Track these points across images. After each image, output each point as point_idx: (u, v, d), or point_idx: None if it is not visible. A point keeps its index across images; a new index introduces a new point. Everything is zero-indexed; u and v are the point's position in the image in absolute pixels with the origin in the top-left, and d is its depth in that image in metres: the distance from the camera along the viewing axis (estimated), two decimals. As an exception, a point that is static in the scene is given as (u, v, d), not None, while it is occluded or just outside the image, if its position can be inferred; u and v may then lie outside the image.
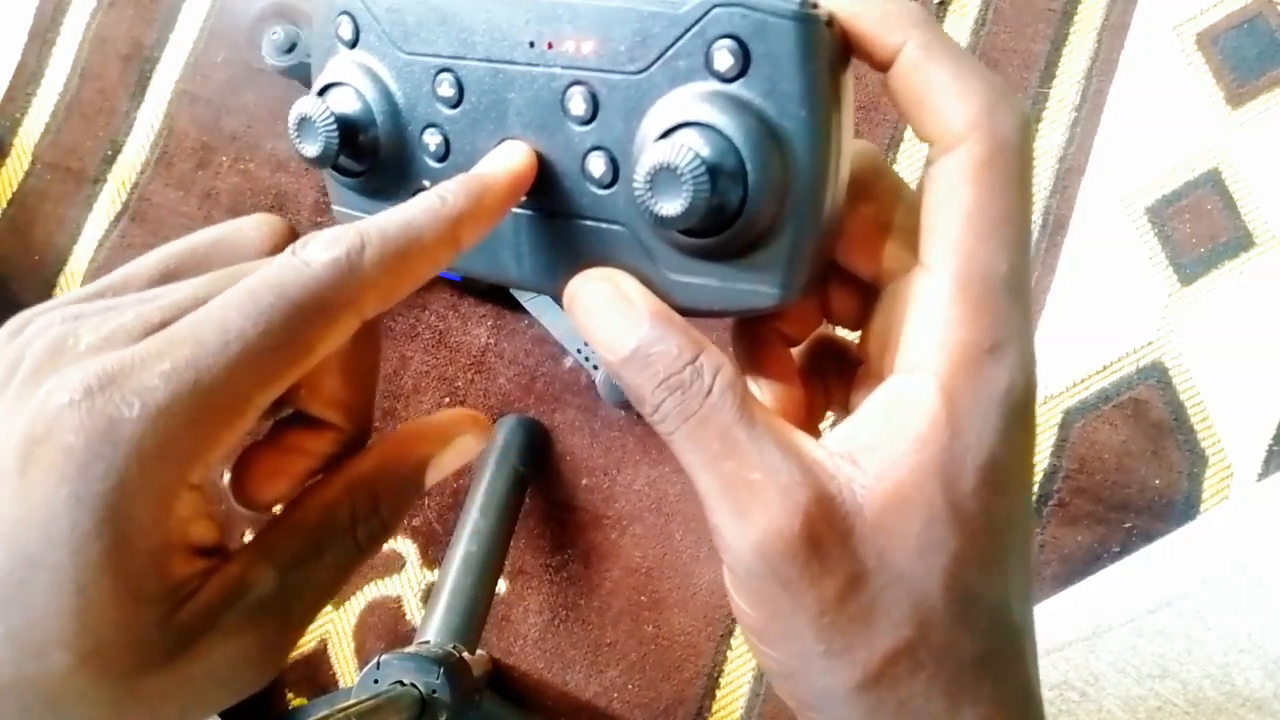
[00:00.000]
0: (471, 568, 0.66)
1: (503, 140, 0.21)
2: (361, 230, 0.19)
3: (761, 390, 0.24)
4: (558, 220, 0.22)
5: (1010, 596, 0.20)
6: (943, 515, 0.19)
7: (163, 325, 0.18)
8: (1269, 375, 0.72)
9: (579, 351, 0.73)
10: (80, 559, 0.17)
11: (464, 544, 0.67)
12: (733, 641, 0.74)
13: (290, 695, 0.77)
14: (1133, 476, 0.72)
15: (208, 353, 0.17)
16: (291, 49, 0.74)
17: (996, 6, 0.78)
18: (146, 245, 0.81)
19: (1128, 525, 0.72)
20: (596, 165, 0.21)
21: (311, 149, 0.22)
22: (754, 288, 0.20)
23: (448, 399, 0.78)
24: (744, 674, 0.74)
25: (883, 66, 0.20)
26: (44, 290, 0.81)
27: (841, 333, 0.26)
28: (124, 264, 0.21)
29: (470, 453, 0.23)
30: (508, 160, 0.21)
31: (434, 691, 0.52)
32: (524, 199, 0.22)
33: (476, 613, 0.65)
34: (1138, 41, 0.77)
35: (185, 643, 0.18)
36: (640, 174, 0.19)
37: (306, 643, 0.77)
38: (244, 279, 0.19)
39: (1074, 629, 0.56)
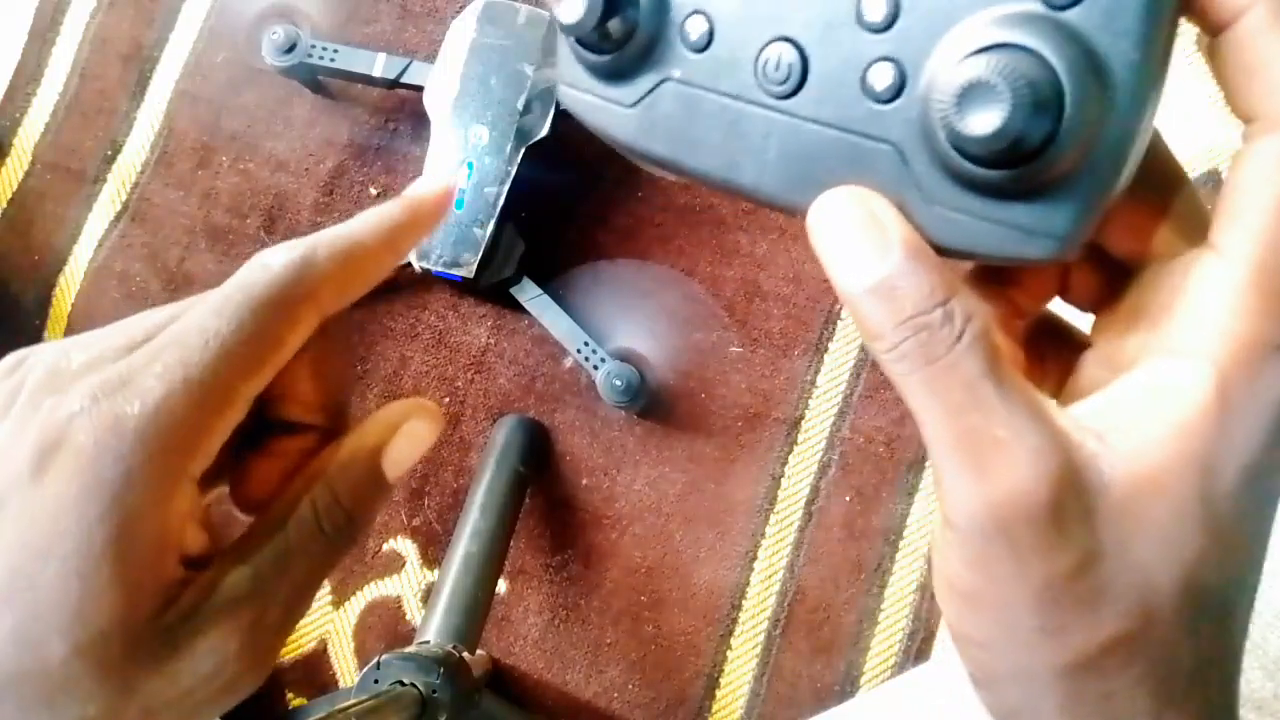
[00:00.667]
0: (471, 568, 0.66)
1: (775, 39, 0.20)
2: (313, 239, 0.22)
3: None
4: (817, 130, 0.20)
5: (1238, 610, 0.20)
6: (1194, 511, 0.18)
7: (146, 341, 0.21)
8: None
9: (579, 351, 0.73)
10: (85, 546, 0.18)
11: (464, 544, 0.67)
12: (733, 642, 0.74)
13: (290, 695, 0.77)
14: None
15: (192, 351, 0.20)
16: (291, 49, 0.74)
17: (996, 6, 0.78)
18: (146, 245, 0.81)
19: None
20: (881, 76, 0.19)
21: (572, 12, 0.20)
22: (1030, 234, 0.19)
23: (448, 399, 0.78)
24: (744, 674, 0.74)
25: (1216, 29, 0.19)
26: (43, 290, 0.81)
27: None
28: (124, 263, 0.22)
29: (423, 441, 0.24)
30: (433, 187, 0.25)
31: (434, 691, 0.52)
32: (783, 101, 0.20)
33: (476, 613, 0.65)
34: (1137, 41, 0.77)
35: (171, 643, 0.19)
36: (948, 88, 0.17)
37: (307, 643, 0.77)
38: (216, 290, 0.21)
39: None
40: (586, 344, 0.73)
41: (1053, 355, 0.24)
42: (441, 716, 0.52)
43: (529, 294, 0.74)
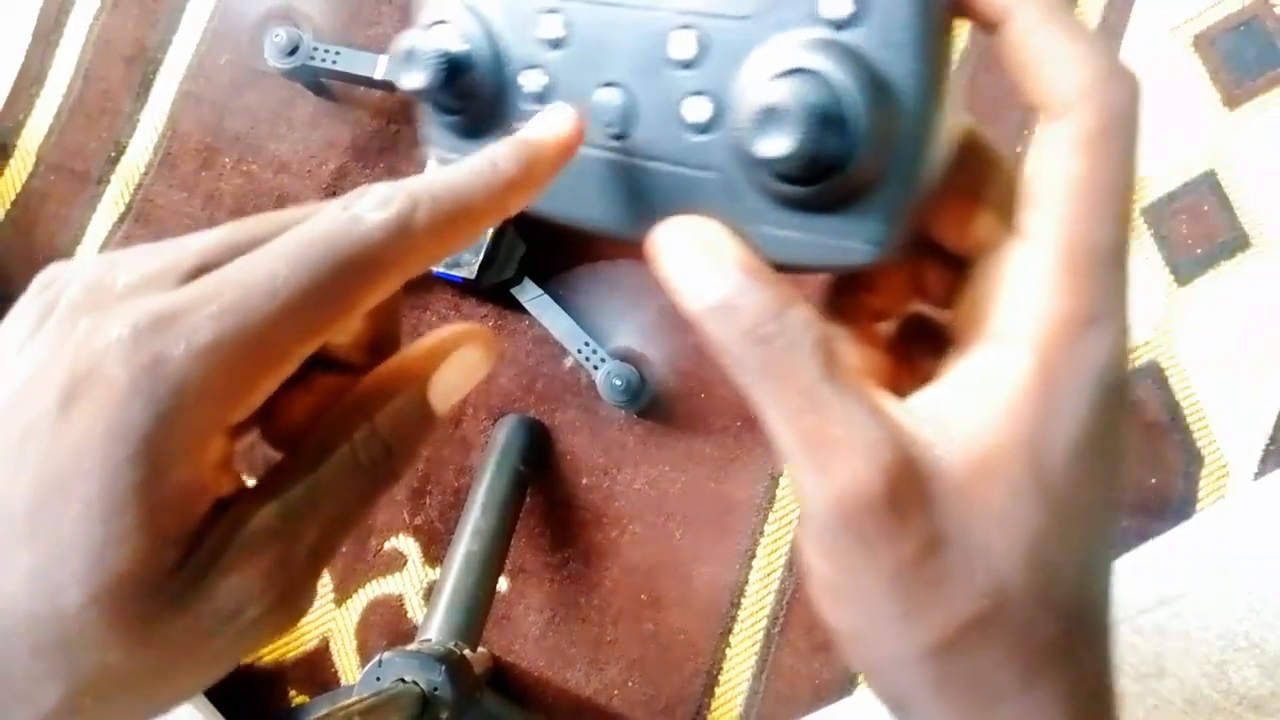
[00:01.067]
0: (473, 566, 0.66)
1: (604, 84, 0.21)
2: (413, 192, 0.19)
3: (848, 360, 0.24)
4: (648, 165, 0.21)
5: (1093, 580, 0.20)
6: (1028, 490, 0.19)
7: (200, 270, 0.18)
8: (1265, 375, 0.72)
9: (579, 351, 0.73)
10: (108, 491, 0.17)
11: (465, 543, 0.68)
12: (731, 640, 0.74)
13: (293, 693, 0.77)
14: (1129, 476, 0.73)
15: (256, 300, 0.18)
16: (294, 51, 0.74)
17: (995, 8, 0.78)
18: (149, 246, 0.82)
19: (1124, 524, 0.72)
20: (695, 110, 0.20)
21: (416, 81, 0.22)
22: (849, 243, 0.20)
23: (449, 399, 0.78)
24: (743, 672, 0.74)
25: (990, 26, 0.20)
26: (48, 291, 0.82)
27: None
28: None
29: (475, 371, 0.22)
30: (557, 125, 0.21)
31: (436, 689, 0.52)
32: (617, 141, 0.22)
33: (478, 611, 0.65)
34: (1135, 43, 0.77)
35: (193, 584, 0.18)
36: (747, 114, 0.19)
37: (309, 641, 0.77)
38: (293, 229, 0.19)
39: (1071, 627, 0.56)
40: (587, 344, 0.73)
41: (926, 353, 0.25)
42: (443, 714, 0.52)
43: (529, 294, 0.75)
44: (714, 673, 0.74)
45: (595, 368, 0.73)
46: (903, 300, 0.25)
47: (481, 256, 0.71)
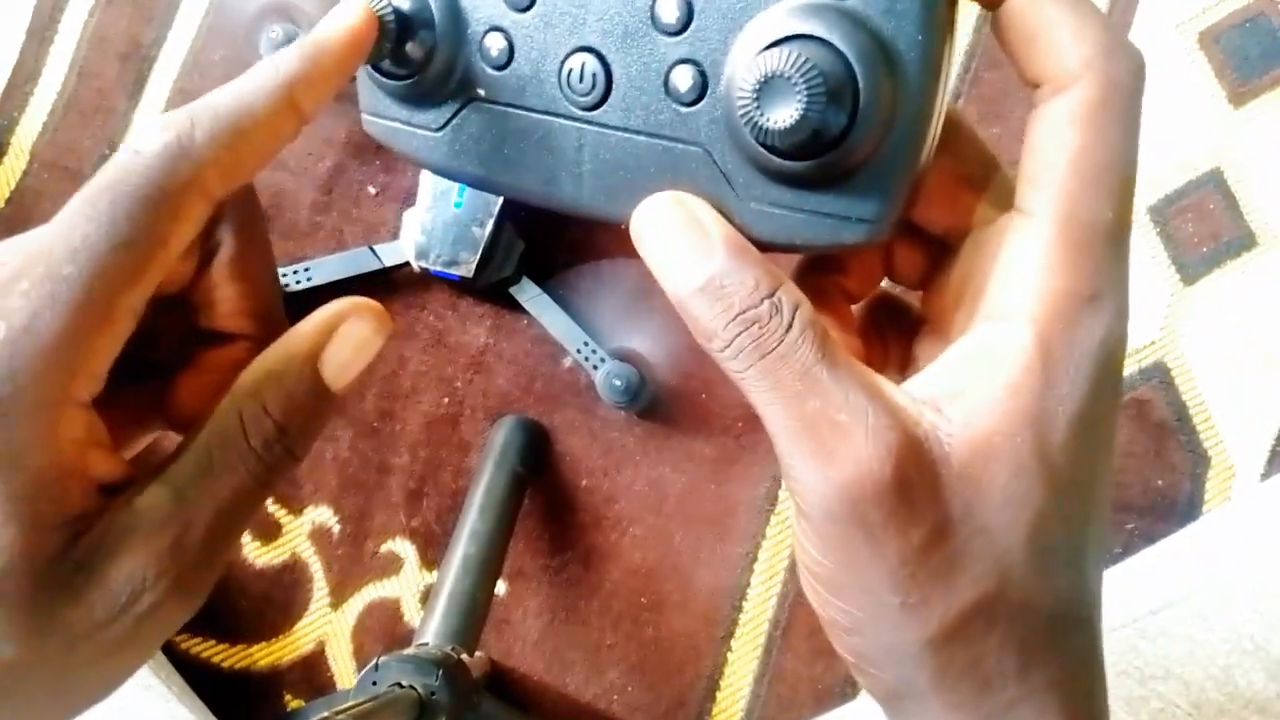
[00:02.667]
0: (470, 569, 0.66)
1: (576, 49, 0.20)
2: (191, 110, 0.19)
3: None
4: (628, 138, 0.20)
5: (1088, 558, 0.20)
6: (1031, 467, 0.18)
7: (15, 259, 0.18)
8: (1272, 376, 0.72)
9: (578, 351, 0.73)
10: None
11: (463, 545, 0.67)
12: (733, 644, 0.74)
13: (288, 697, 0.77)
14: (1135, 477, 0.72)
15: (58, 263, 0.17)
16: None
17: (998, 5, 0.78)
18: (144, 245, 0.81)
19: (1130, 526, 0.72)
20: (682, 79, 0.19)
21: None
22: (843, 221, 0.19)
23: (446, 399, 0.78)
24: (744, 677, 0.73)
25: (993, 2, 0.19)
26: (41, 290, 0.81)
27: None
28: None
29: (365, 344, 0.21)
30: (344, 18, 0.20)
31: (433, 693, 0.52)
32: (590, 112, 0.20)
33: (475, 614, 0.65)
34: (1139, 40, 0.77)
35: (84, 572, 0.18)
36: (747, 83, 0.18)
37: (305, 644, 0.77)
38: (88, 182, 0.18)
39: (1076, 630, 0.56)
40: (586, 344, 0.73)
41: (894, 335, 0.24)
42: (440, 719, 0.52)
43: (528, 293, 0.74)
44: (715, 677, 0.73)
45: (595, 368, 0.72)
46: (874, 282, 0.25)
47: (480, 255, 0.70)
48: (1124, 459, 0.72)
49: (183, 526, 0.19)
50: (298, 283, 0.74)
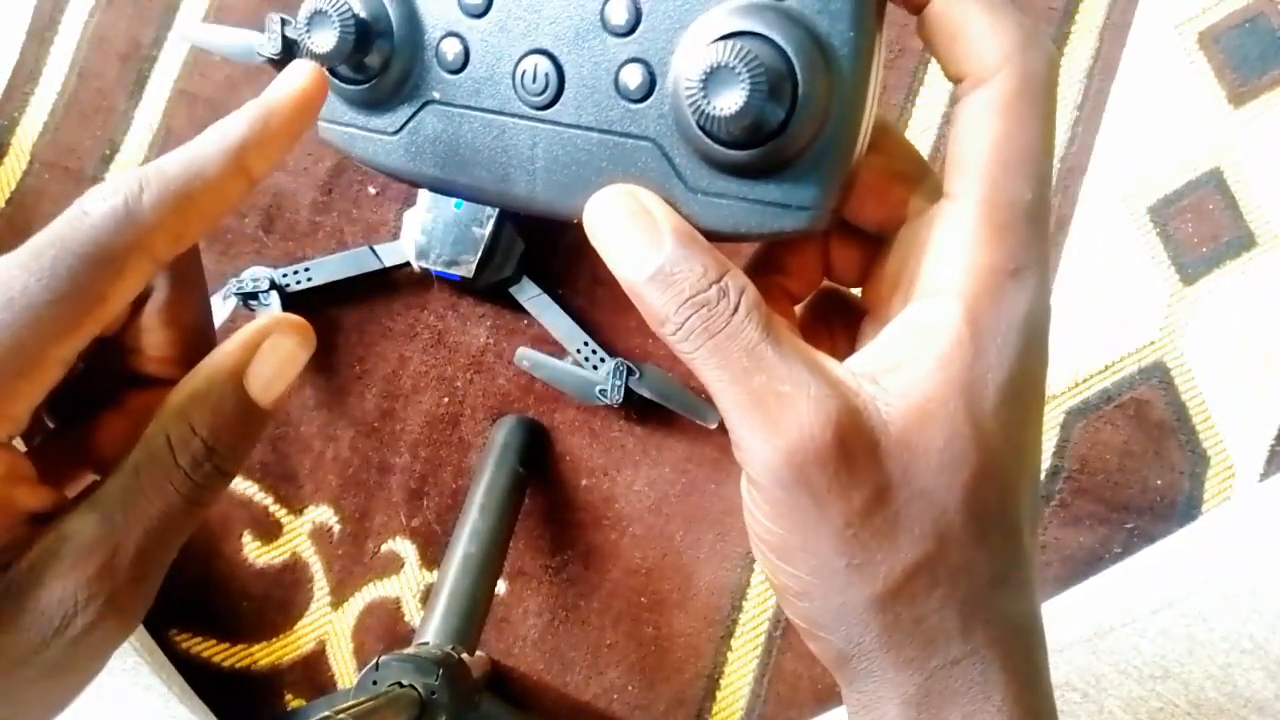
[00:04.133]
0: (471, 569, 0.66)
1: (530, 52, 0.21)
2: (140, 174, 0.19)
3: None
4: (580, 135, 0.21)
5: (1022, 520, 0.21)
6: (965, 432, 0.19)
7: None
8: (1271, 376, 0.72)
9: (578, 351, 0.73)
10: None
11: (463, 545, 0.67)
12: (733, 643, 0.74)
13: (289, 696, 0.77)
14: (1134, 477, 0.72)
15: None
16: (285, 43, 0.74)
17: (997, 5, 0.78)
18: (145, 245, 0.81)
19: (1129, 526, 0.72)
20: (632, 77, 0.20)
21: (324, 43, 0.21)
22: (784, 209, 0.20)
23: (446, 399, 0.78)
24: (744, 676, 0.73)
25: (917, 6, 0.21)
26: (42, 290, 0.81)
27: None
28: None
29: (294, 358, 0.22)
30: (293, 80, 0.21)
31: (433, 693, 0.52)
32: (543, 111, 0.21)
33: (476, 614, 0.65)
34: (1139, 40, 0.77)
35: (15, 599, 0.18)
36: (694, 74, 0.19)
37: (305, 644, 0.77)
38: (35, 235, 0.19)
39: (1075, 630, 0.56)
40: (586, 344, 0.73)
41: (839, 328, 0.26)
42: (440, 718, 0.52)
43: (528, 294, 0.74)
44: (715, 676, 0.74)
45: (595, 368, 0.72)
46: (814, 281, 0.26)
47: (480, 255, 0.71)
48: (1123, 458, 0.73)
49: (110, 550, 0.19)
50: (298, 283, 0.75)
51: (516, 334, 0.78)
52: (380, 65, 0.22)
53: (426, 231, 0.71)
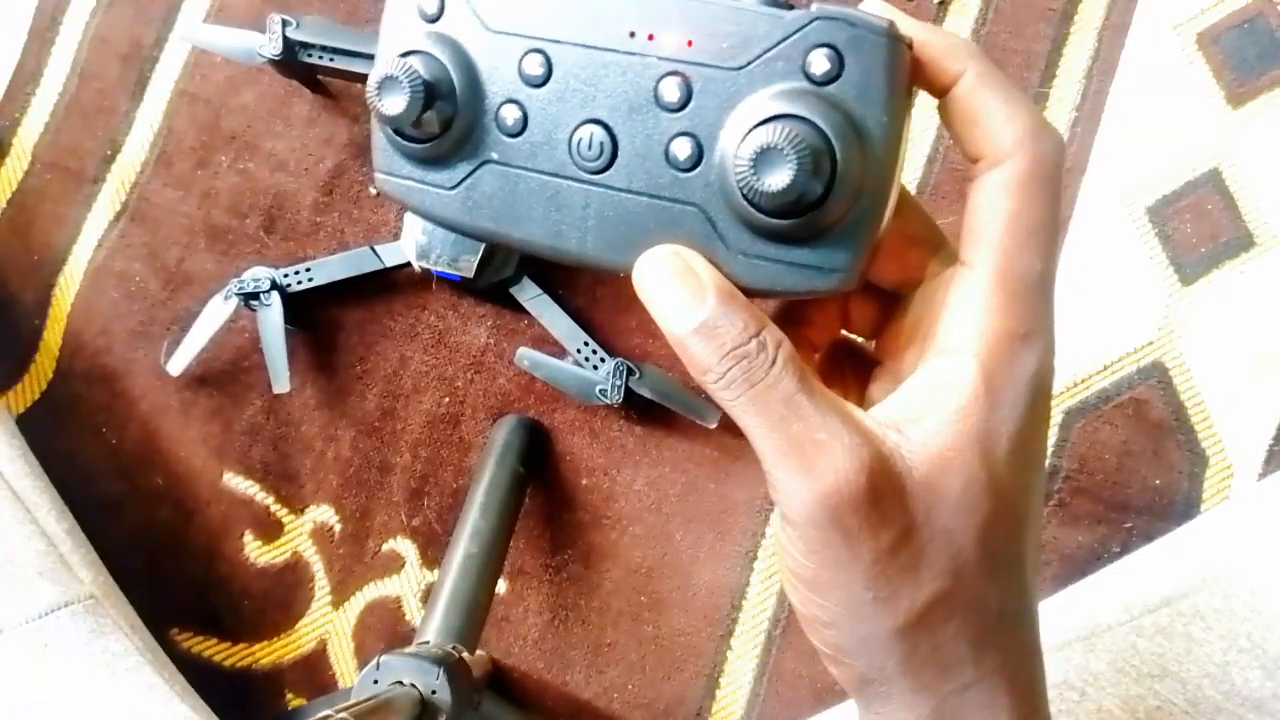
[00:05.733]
0: (471, 568, 0.66)
1: (585, 121, 0.23)
2: None
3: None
4: (631, 199, 0.23)
5: (1027, 559, 0.23)
6: (980, 478, 0.21)
7: None
8: (1269, 375, 0.72)
9: (579, 351, 0.73)
10: None
11: (464, 544, 0.67)
12: (733, 642, 0.74)
13: (290, 695, 0.77)
14: (1133, 477, 0.72)
15: None
16: (286, 44, 0.74)
17: (997, 6, 0.78)
18: (145, 245, 0.81)
19: (1128, 525, 0.72)
20: (682, 149, 0.22)
21: (394, 107, 0.23)
22: (818, 271, 0.22)
23: (447, 399, 0.78)
24: (744, 675, 0.74)
25: (941, 91, 0.23)
26: (43, 290, 0.81)
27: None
28: (123, 263, 0.21)
29: None
30: None
31: (434, 692, 0.52)
32: (597, 175, 0.23)
33: (476, 613, 0.65)
34: (1138, 41, 0.77)
35: None
36: (744, 154, 0.21)
37: (306, 643, 0.77)
38: None
39: (1073, 628, 0.56)
40: (586, 344, 0.73)
41: (851, 374, 0.28)
42: (441, 717, 0.52)
43: (529, 294, 0.74)
44: (715, 675, 0.74)
45: (595, 368, 0.72)
46: (833, 331, 0.28)
47: (480, 255, 0.71)
48: (1122, 458, 0.73)
49: None
50: (299, 283, 0.75)
51: (517, 334, 0.78)
52: (442, 126, 0.24)
53: (427, 231, 0.71)
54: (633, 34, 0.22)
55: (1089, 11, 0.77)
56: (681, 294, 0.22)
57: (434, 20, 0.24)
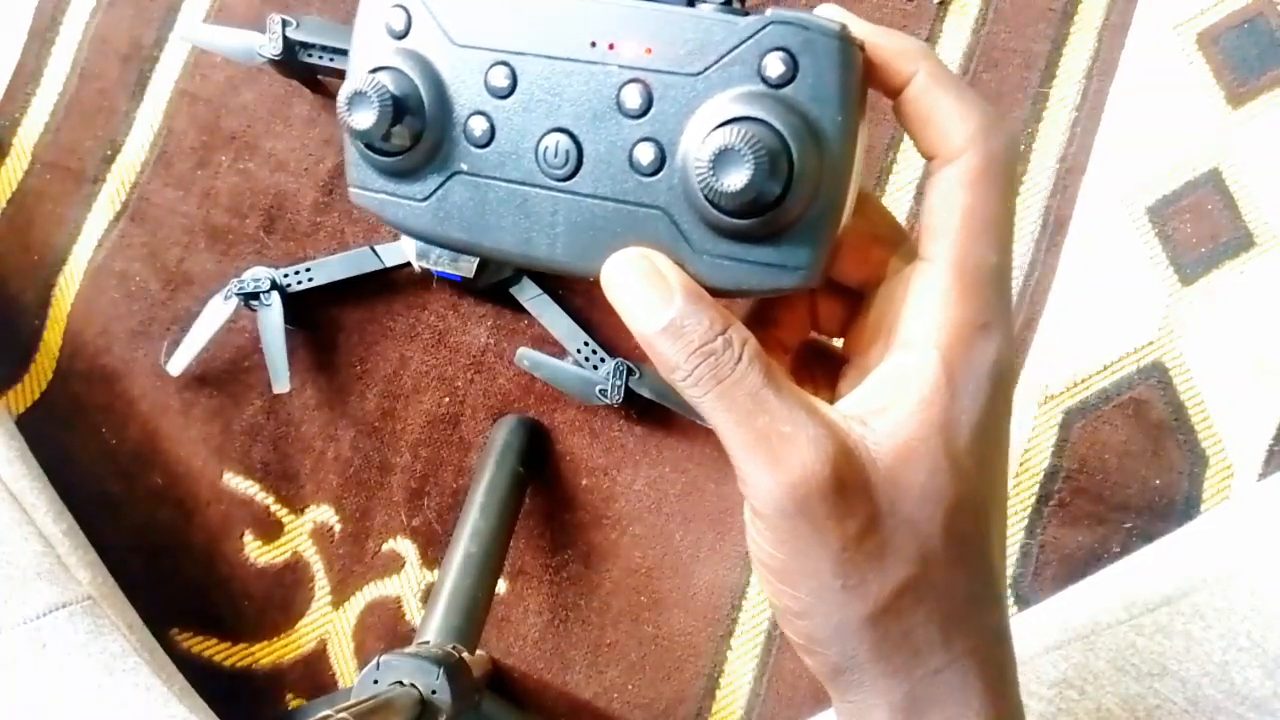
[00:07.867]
0: (471, 568, 0.66)
1: (551, 130, 0.24)
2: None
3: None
4: (597, 204, 0.24)
5: (993, 544, 0.24)
6: (943, 467, 0.22)
7: None
8: (1270, 375, 0.72)
9: (579, 351, 0.73)
10: None
11: (464, 544, 0.67)
12: (733, 642, 0.74)
13: (290, 696, 0.77)
14: (1133, 476, 0.72)
15: None
16: (286, 44, 0.74)
17: (996, 6, 0.78)
18: (145, 245, 0.81)
19: (1128, 525, 0.72)
20: (644, 154, 0.23)
21: (364, 120, 0.23)
22: (781, 269, 0.23)
23: (447, 399, 0.78)
24: (744, 675, 0.74)
25: (894, 92, 0.23)
26: (43, 290, 0.81)
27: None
28: (123, 263, 0.21)
29: None
30: None
31: (434, 692, 0.52)
32: (564, 182, 0.24)
33: (476, 613, 0.65)
34: (1138, 41, 0.77)
35: None
36: (704, 155, 0.21)
37: (306, 643, 0.77)
38: None
39: (1073, 627, 0.56)
40: (586, 344, 0.73)
41: (821, 374, 0.29)
42: (441, 717, 0.52)
43: (529, 294, 0.74)
44: (715, 675, 0.74)
45: (595, 367, 0.72)
46: (801, 333, 0.29)
47: (480, 255, 0.71)
48: (1121, 458, 0.73)
49: None
50: (299, 283, 0.75)
51: (517, 334, 0.78)
52: (412, 140, 0.24)
53: (427, 232, 0.71)
54: (594, 44, 0.23)
55: (1089, 11, 0.77)
56: (649, 295, 0.22)
57: (401, 36, 0.24)
